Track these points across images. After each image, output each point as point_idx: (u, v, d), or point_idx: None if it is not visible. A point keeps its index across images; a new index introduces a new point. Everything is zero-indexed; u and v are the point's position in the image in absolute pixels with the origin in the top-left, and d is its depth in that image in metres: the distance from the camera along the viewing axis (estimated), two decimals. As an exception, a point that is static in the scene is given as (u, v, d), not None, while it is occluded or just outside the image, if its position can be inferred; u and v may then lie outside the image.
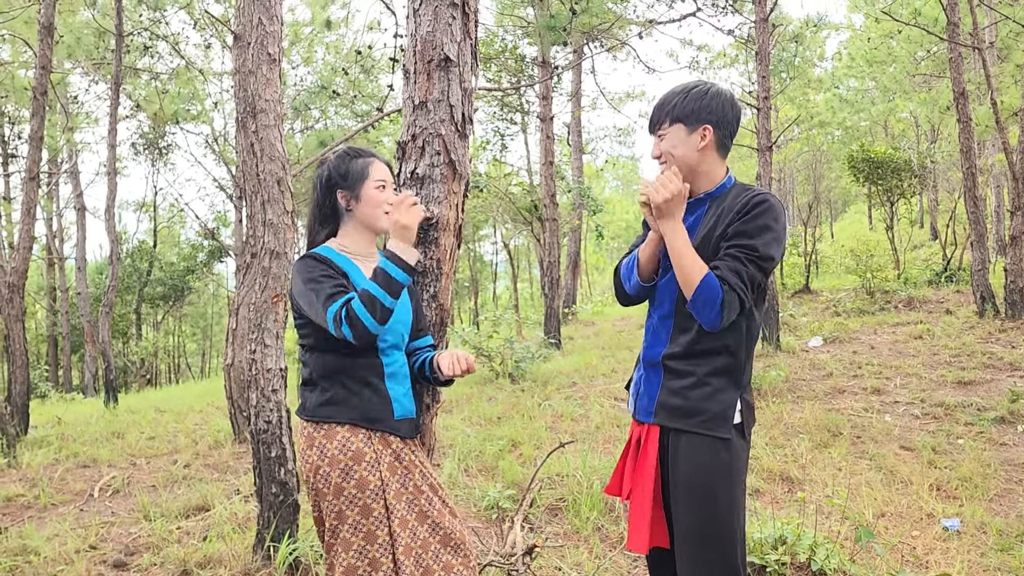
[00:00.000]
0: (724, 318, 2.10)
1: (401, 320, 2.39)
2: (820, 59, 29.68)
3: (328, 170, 2.44)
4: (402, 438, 2.34)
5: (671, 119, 2.26)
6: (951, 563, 3.74)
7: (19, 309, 7.72)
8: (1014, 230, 10.54)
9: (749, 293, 2.13)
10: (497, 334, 10.94)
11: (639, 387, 2.39)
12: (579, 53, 16.52)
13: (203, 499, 5.14)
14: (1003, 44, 16.75)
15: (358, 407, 2.26)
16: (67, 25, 13.99)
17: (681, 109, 2.24)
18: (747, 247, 2.12)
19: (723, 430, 2.17)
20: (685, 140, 2.25)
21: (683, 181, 2.21)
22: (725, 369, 2.21)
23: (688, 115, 2.24)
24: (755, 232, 2.13)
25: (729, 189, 2.29)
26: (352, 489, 2.20)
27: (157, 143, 22.60)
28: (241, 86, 4.10)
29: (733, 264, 2.11)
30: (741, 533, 2.21)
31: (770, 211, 2.15)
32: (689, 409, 2.21)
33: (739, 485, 2.21)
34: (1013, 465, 5.44)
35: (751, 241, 2.13)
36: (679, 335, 2.25)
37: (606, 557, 3.89)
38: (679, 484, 2.22)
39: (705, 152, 2.26)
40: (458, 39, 2.71)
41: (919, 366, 8.60)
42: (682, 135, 2.25)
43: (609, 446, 6.14)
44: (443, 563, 2.28)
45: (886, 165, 14.79)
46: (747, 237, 2.13)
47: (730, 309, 2.10)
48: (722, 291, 2.08)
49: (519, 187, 16.12)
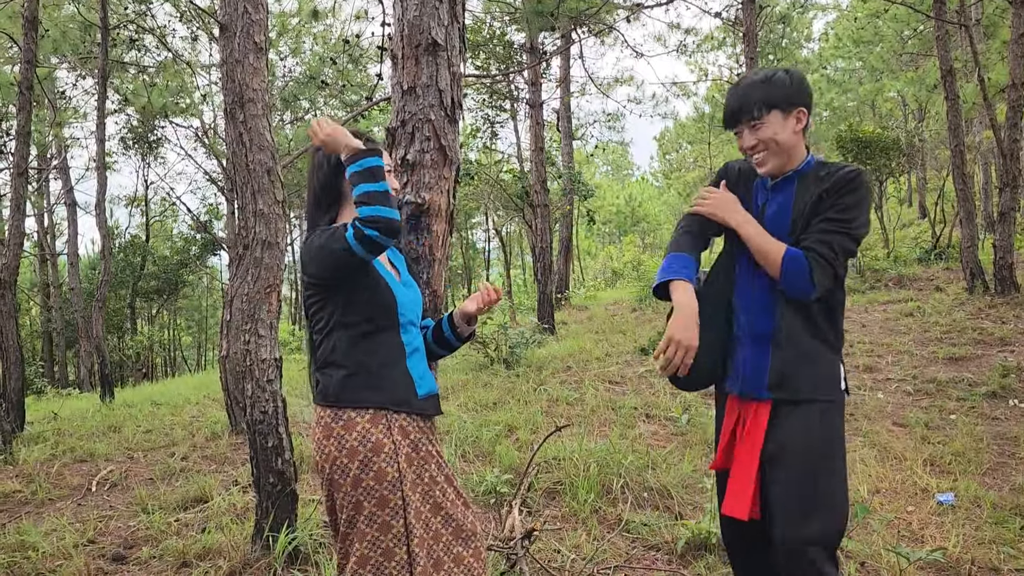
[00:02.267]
0: (817, 286, 2.19)
1: (415, 297, 2.42)
2: (807, 40, 29.70)
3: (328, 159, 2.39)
4: (426, 418, 2.36)
5: (765, 107, 2.29)
6: (946, 537, 3.78)
7: (12, 306, 7.70)
8: (1002, 206, 10.58)
9: (841, 261, 2.22)
10: (491, 320, 10.94)
11: (744, 364, 2.39)
12: (567, 39, 16.46)
13: (201, 491, 5.14)
14: (989, 21, 16.78)
15: (385, 389, 2.26)
16: (52, 19, 13.88)
17: (773, 96, 2.28)
18: (839, 220, 2.22)
19: (837, 393, 2.30)
20: (784, 125, 2.30)
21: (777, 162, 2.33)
22: (826, 337, 2.30)
23: (781, 100, 2.28)
24: (850, 205, 2.22)
25: (814, 165, 2.36)
26: (370, 480, 2.19)
27: (146, 137, 22.44)
28: (228, 76, 4.08)
29: (823, 236, 2.22)
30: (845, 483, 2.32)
31: (860, 186, 2.24)
32: (805, 378, 2.28)
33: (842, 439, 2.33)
34: (1005, 439, 5.49)
35: (844, 215, 2.22)
36: (787, 308, 2.31)
37: (604, 539, 3.91)
38: (796, 451, 2.26)
39: (799, 135, 2.33)
40: (445, 23, 2.70)
41: (910, 343, 8.65)
42: (780, 120, 2.30)
43: (605, 429, 6.17)
44: (454, 555, 2.29)
45: (874, 144, 14.80)
46: (841, 211, 2.22)
47: (822, 277, 2.19)
48: (807, 260, 2.19)
49: (510, 174, 16.08)
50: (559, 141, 19.67)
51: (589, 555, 3.65)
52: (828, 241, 2.20)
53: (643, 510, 4.36)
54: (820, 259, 2.19)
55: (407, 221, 2.70)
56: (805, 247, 2.22)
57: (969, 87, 13.43)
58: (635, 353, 10.09)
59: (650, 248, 43.58)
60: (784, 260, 2.22)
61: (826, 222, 2.23)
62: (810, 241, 2.22)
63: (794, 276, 2.20)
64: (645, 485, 4.67)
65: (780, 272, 2.23)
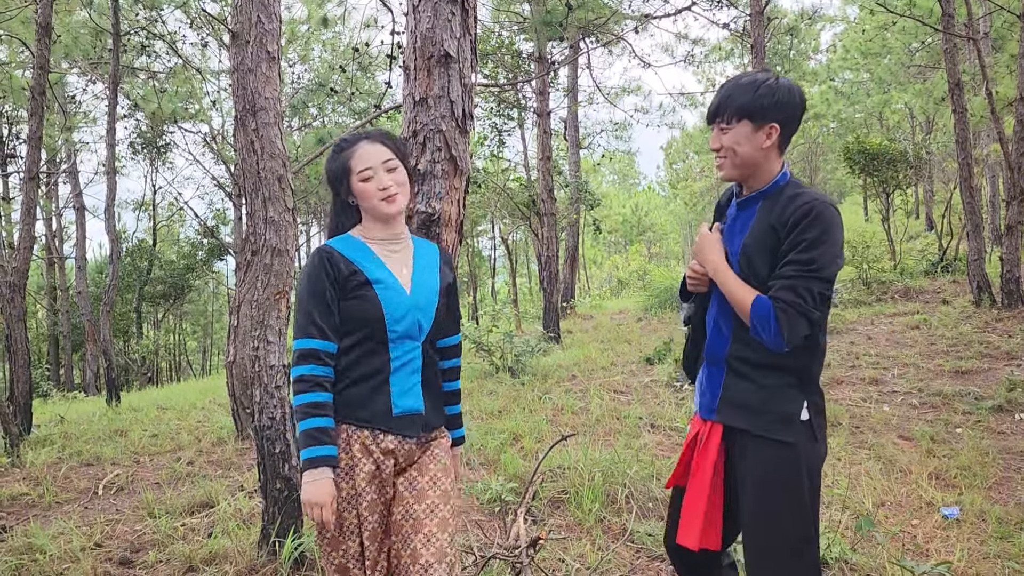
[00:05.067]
0: (786, 336, 2.06)
1: (419, 307, 2.31)
2: (815, 52, 29.73)
3: (324, 172, 2.40)
4: (406, 437, 2.27)
5: (738, 114, 2.18)
6: (951, 551, 3.78)
7: (20, 309, 7.73)
8: (1010, 220, 10.57)
9: (811, 305, 2.06)
10: (496, 328, 10.95)
11: (702, 384, 2.37)
12: (575, 48, 16.53)
13: (207, 496, 5.16)
14: (997, 34, 16.79)
15: (352, 404, 2.23)
16: (64, 25, 13.97)
17: (750, 105, 2.16)
18: (801, 263, 2.07)
19: (786, 434, 2.14)
20: (750, 138, 2.18)
21: (734, 172, 2.26)
22: (790, 372, 2.17)
23: (756, 112, 2.16)
24: (812, 242, 2.07)
25: (782, 187, 2.23)
26: None
27: (155, 142, 22.57)
28: (240, 84, 4.11)
29: (789, 282, 2.07)
30: (810, 534, 2.16)
31: (818, 220, 2.08)
32: (753, 410, 2.18)
33: (806, 488, 2.15)
34: (1011, 453, 5.48)
35: (806, 254, 2.07)
36: (740, 331, 2.22)
37: (609, 548, 3.92)
38: (744, 484, 2.21)
39: (768, 151, 2.21)
40: (458, 35, 2.73)
41: (916, 356, 8.64)
42: (747, 132, 2.18)
43: (610, 438, 6.17)
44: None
45: (882, 156, 14.80)
46: (803, 251, 2.07)
47: (793, 328, 2.05)
48: (775, 312, 2.05)
49: (517, 182, 16.13)
50: (566, 150, 19.72)
51: (594, 564, 3.66)
52: (793, 287, 2.05)
53: (648, 520, 4.36)
54: (788, 308, 2.04)
55: (417, 231, 2.72)
56: (772, 296, 2.08)
57: (977, 100, 13.42)
58: (640, 362, 10.09)
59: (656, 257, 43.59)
60: (752, 310, 2.10)
61: (789, 266, 2.08)
62: (776, 289, 2.08)
63: (762, 328, 2.08)
64: (650, 495, 4.68)
65: (750, 322, 2.12)
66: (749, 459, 2.19)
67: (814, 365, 2.20)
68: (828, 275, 2.08)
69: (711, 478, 2.26)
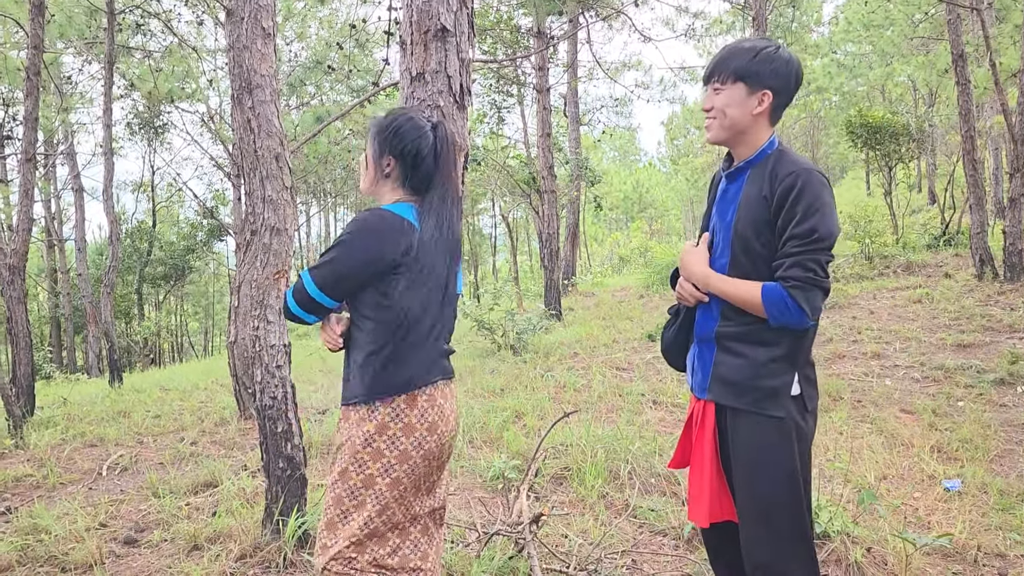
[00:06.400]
0: (808, 311, 2.06)
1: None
2: (817, 24, 29.50)
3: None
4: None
5: (733, 76, 2.18)
6: (953, 523, 3.79)
7: (21, 291, 7.72)
8: (1013, 192, 10.52)
9: (822, 275, 2.07)
10: (498, 307, 10.96)
11: (694, 362, 2.38)
12: (575, 23, 16.37)
13: (211, 475, 5.18)
14: (1001, 5, 16.60)
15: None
16: (58, 4, 13.84)
17: (746, 68, 2.16)
18: (800, 235, 2.06)
19: (776, 408, 2.15)
20: (742, 102, 2.18)
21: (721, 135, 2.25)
22: (779, 346, 2.16)
23: (752, 75, 2.16)
24: (805, 213, 2.06)
25: (769, 156, 2.21)
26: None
27: (153, 122, 22.49)
28: (235, 62, 4.06)
29: (793, 258, 2.07)
30: (802, 509, 2.16)
31: (807, 189, 2.07)
32: (743, 387, 2.18)
33: (798, 461, 2.16)
34: (1013, 426, 5.48)
35: (802, 226, 2.06)
36: (728, 309, 2.22)
37: (611, 524, 3.93)
38: (737, 461, 2.22)
39: (758, 118, 2.20)
40: (454, 8, 2.69)
41: (918, 330, 8.63)
42: (740, 95, 2.18)
43: (612, 415, 6.18)
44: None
45: (884, 130, 14.72)
46: (798, 223, 2.07)
47: (810, 301, 2.06)
48: (787, 290, 2.05)
49: (517, 160, 16.04)
50: (566, 126, 19.61)
51: (596, 540, 3.67)
52: (801, 262, 2.06)
53: (650, 495, 4.37)
54: (801, 284, 2.05)
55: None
56: (780, 277, 2.08)
57: (980, 72, 13.31)
58: (642, 339, 10.09)
59: (657, 234, 43.50)
60: (764, 299, 2.09)
61: (791, 242, 2.08)
62: (784, 269, 2.08)
63: (780, 313, 2.07)
64: (652, 471, 4.69)
65: (765, 312, 2.10)
66: (741, 434, 2.20)
67: (805, 338, 2.19)
68: (830, 243, 2.09)
69: (712, 455, 2.28)
